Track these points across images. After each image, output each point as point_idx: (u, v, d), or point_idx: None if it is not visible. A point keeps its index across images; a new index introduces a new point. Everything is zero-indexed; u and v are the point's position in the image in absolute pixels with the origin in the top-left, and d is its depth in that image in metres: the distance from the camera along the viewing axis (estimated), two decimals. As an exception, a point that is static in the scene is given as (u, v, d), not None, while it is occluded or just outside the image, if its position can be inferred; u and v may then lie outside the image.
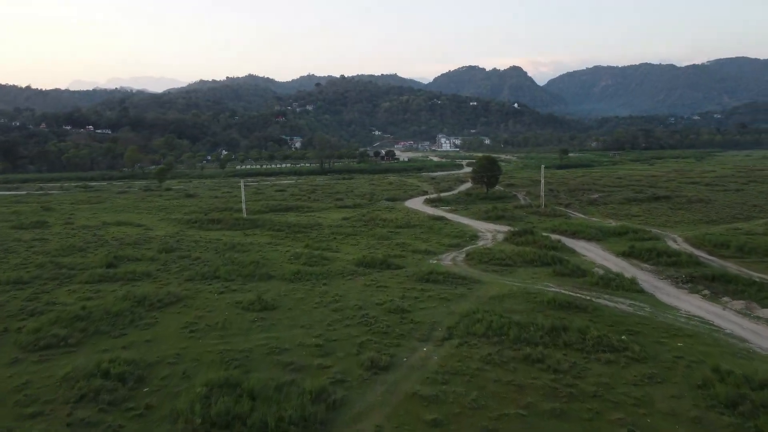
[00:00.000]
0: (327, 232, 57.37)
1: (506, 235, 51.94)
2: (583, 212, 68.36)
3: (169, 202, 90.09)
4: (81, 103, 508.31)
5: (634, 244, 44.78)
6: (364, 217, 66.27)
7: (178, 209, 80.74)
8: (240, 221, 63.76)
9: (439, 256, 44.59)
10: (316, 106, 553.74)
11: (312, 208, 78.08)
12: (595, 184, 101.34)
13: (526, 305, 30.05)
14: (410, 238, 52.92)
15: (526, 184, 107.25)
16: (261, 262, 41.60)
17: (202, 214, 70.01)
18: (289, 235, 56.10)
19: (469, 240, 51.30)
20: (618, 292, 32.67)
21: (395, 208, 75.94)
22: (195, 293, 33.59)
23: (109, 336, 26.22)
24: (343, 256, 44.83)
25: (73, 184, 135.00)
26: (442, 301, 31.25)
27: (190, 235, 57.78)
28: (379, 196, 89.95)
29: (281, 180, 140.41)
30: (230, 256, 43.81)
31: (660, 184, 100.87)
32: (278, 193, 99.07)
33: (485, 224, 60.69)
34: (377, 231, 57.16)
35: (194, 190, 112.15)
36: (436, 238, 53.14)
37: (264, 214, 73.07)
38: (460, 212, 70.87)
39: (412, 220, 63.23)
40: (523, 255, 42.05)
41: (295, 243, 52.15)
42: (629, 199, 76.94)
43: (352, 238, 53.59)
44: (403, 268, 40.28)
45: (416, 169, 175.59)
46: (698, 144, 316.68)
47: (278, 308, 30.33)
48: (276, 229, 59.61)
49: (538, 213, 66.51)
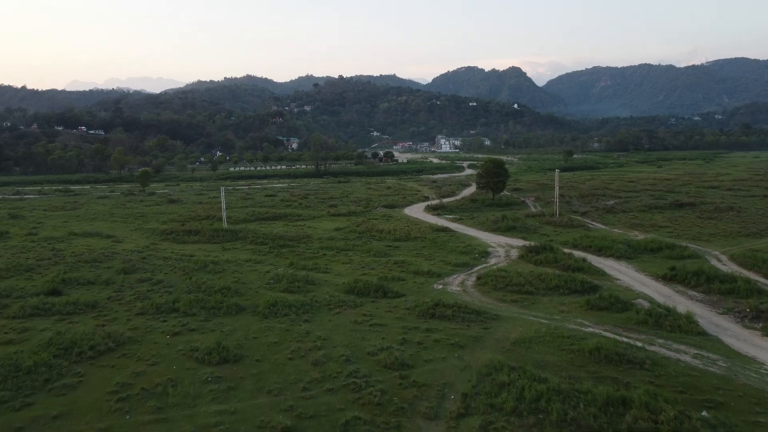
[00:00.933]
0: (316, 247, 50.61)
1: (521, 251, 45.19)
2: (603, 222, 61.53)
3: (149, 208, 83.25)
4: (77, 104, 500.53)
5: (675, 264, 38.04)
6: (358, 228, 59.54)
7: (156, 217, 73.94)
8: (220, 233, 56.99)
9: (445, 279, 37.86)
10: (314, 106, 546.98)
11: (302, 216, 71.26)
12: (607, 189, 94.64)
13: (563, 356, 23.33)
14: (411, 255, 46.18)
15: (533, 189, 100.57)
16: (233, 289, 34.84)
17: (179, 224, 63.21)
18: (273, 250, 49.32)
19: (478, 257, 44.54)
20: (675, 334, 25.95)
21: (393, 217, 69.17)
22: (143, 335, 26.86)
23: (9, 408, 19.47)
24: (332, 279, 38.08)
25: (54, 187, 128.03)
26: (453, 348, 24.53)
27: (161, 249, 51.06)
28: (376, 203, 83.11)
29: (273, 183, 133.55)
30: (198, 280, 37.03)
31: (677, 188, 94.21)
32: (268, 198, 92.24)
33: (495, 237, 53.93)
34: (373, 245, 50.39)
35: (180, 194, 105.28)
36: (440, 254, 46.39)
37: (249, 224, 66.29)
38: (466, 221, 64.08)
39: (412, 231, 56.49)
40: (546, 279, 35.32)
41: (278, 260, 45.40)
42: (650, 207, 70.23)
43: (344, 255, 46.82)
44: (403, 296, 33.55)
45: (416, 171, 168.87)
46: (703, 145, 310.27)
47: (242, 360, 23.59)
48: (259, 242, 52.85)
49: (553, 223, 59.75)
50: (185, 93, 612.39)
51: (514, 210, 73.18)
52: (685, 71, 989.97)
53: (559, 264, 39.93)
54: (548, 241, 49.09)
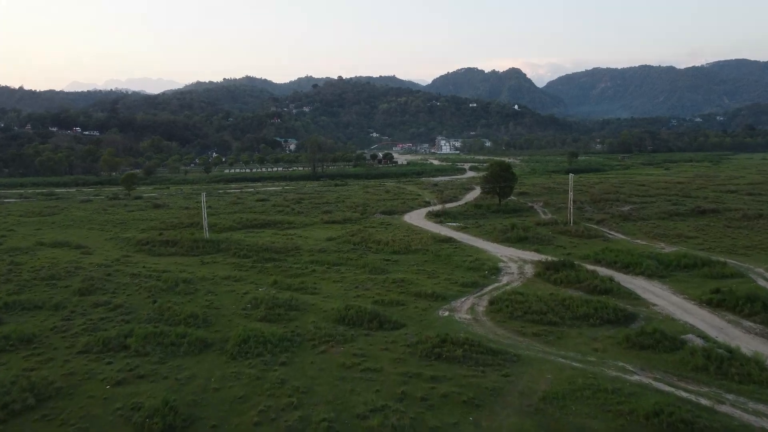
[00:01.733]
0: (305, 260, 45.19)
1: (537, 268, 39.77)
2: (622, 231, 55.98)
3: (131, 214, 77.81)
4: (76, 105, 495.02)
5: (718, 286, 32.65)
6: (353, 238, 54.11)
7: (136, 224, 68.56)
8: (200, 244, 51.56)
9: (451, 303, 32.46)
10: (313, 107, 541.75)
11: (294, 223, 65.79)
12: (618, 193, 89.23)
13: (610, 421, 17.98)
14: (411, 272, 40.76)
15: (540, 193, 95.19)
16: (201, 317, 29.51)
17: (158, 233, 57.78)
18: (256, 264, 43.93)
19: (488, 275, 39.11)
20: (746, 387, 20.56)
21: (392, 225, 63.70)
22: (77, 384, 21.51)
23: None
24: (319, 303, 32.70)
25: (39, 190, 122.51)
26: (466, 408, 19.19)
27: (132, 263, 45.70)
28: (373, 208, 77.58)
29: (267, 186, 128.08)
30: (163, 305, 31.62)
31: (693, 192, 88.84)
32: (259, 203, 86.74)
33: (505, 249, 48.48)
34: (369, 259, 44.97)
35: (168, 198, 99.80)
36: (445, 271, 40.97)
37: (234, 232, 60.91)
38: (471, 230, 58.58)
39: (412, 242, 51.06)
40: (571, 305, 29.96)
41: (261, 277, 40.01)
42: (669, 213, 64.79)
43: (335, 271, 41.42)
44: (403, 326, 28.20)
45: (415, 174, 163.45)
46: (707, 147, 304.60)
47: (193, 426, 18.21)
48: (242, 254, 47.45)
49: (568, 232, 54.25)
50: (183, 94, 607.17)
51: (523, 217, 67.77)
52: (686, 72, 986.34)
53: (583, 285, 34.53)
54: (566, 255, 43.71)
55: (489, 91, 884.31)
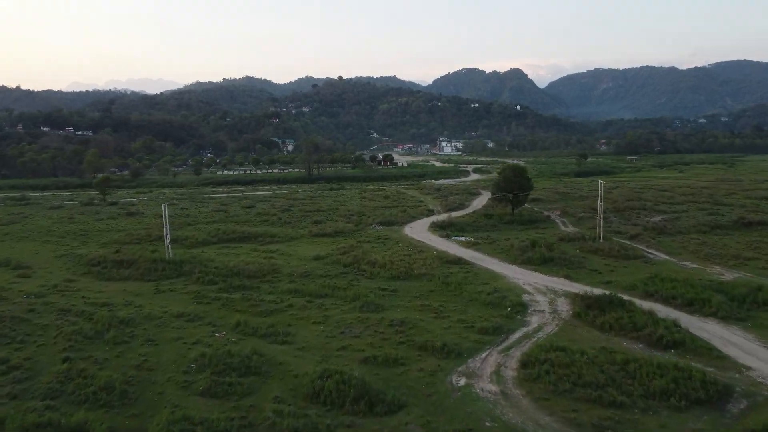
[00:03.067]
0: (283, 289, 36.68)
1: (575, 304, 31.18)
2: (664, 250, 47.02)
3: (99, 223, 69.33)
4: (73, 105, 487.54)
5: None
6: (345, 256, 45.62)
7: (99, 236, 60.18)
8: (160, 265, 43.07)
9: (468, 364, 23.99)
10: (313, 107, 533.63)
11: (277, 237, 57.16)
12: (642, 200, 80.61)
13: None
14: (414, 308, 32.24)
15: (554, 199, 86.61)
16: (119, 389, 21.06)
17: (115, 250, 49.26)
18: (221, 295, 35.45)
19: (513, 314, 30.60)
20: None
21: (390, 239, 55.12)
22: None
23: None
24: (290, 362, 24.25)
25: (12, 194, 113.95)
26: None
27: (72, 290, 37.40)
28: (370, 218, 68.87)
29: (258, 190, 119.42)
30: (76, 365, 23.18)
31: (724, 199, 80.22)
32: (244, 211, 78.10)
33: (528, 273, 39.91)
34: (361, 287, 36.40)
35: (145, 204, 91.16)
36: (456, 306, 32.43)
37: (207, 247, 52.47)
38: (484, 247, 49.91)
39: (415, 263, 42.54)
40: (638, 373, 21.56)
41: (224, 314, 31.56)
42: (710, 226, 56.16)
43: (318, 306, 32.91)
44: (403, 408, 19.76)
45: (417, 176, 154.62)
46: (716, 148, 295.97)
47: None
48: (208, 280, 39.00)
49: (600, 251, 45.61)
50: (181, 94, 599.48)
51: (540, 229, 59.21)
52: (688, 73, 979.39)
53: (642, 334, 26.03)
54: (604, 284, 35.23)
55: (490, 91, 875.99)
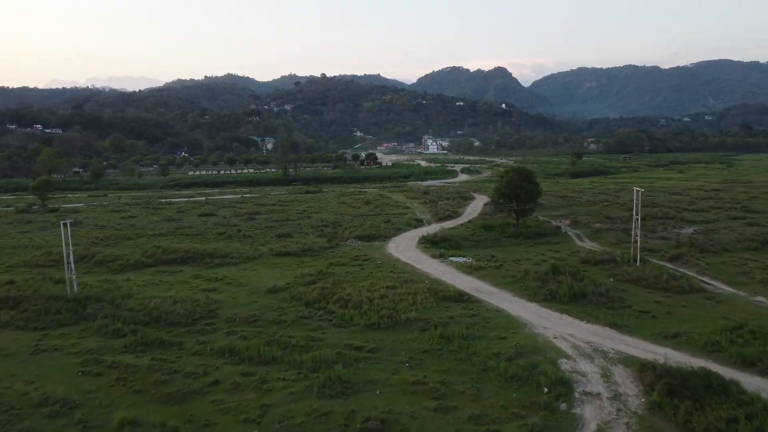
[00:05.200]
0: (215, 348, 25.54)
1: (643, 383, 20.62)
2: (721, 277, 36.73)
3: (18, 238, 57.35)
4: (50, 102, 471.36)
5: None
6: (309, 289, 34.60)
7: (12, 255, 48.36)
8: (56, 305, 31.69)
9: None
10: (295, 105, 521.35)
11: (230, 257, 45.80)
12: (659, 206, 70.71)
13: None
14: (400, 388, 21.36)
15: (557, 204, 76.38)
16: None
17: (8, 280, 37.67)
18: (123, 356, 24.30)
19: (552, 401, 20.01)
20: None
21: (371, 260, 44.19)
22: None
23: None
24: None
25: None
26: None
27: None
28: (346, 230, 57.72)
29: (226, 193, 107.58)
30: None
31: (749, 204, 70.73)
32: (201, 220, 66.65)
33: (556, 318, 29.27)
34: (325, 346, 25.36)
35: (90, 211, 78.95)
36: (463, 386, 21.58)
37: (136, 272, 41.04)
38: (490, 274, 39.01)
39: (401, 302, 31.69)
40: None
41: (113, 400, 20.42)
42: (760, 241, 46.15)
43: (257, 383, 21.85)
44: None
45: (402, 177, 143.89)
46: (707, 147, 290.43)
47: None
48: (113, 330, 27.78)
49: (641, 281, 35.33)
50: (161, 91, 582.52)
51: (552, 245, 48.69)
52: (670, 73, 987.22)
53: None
54: (672, 339, 24.78)
55: (475, 90, 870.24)
